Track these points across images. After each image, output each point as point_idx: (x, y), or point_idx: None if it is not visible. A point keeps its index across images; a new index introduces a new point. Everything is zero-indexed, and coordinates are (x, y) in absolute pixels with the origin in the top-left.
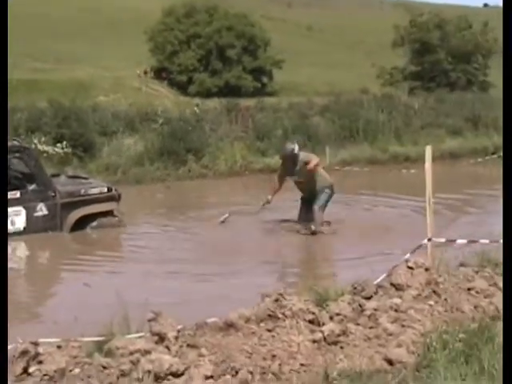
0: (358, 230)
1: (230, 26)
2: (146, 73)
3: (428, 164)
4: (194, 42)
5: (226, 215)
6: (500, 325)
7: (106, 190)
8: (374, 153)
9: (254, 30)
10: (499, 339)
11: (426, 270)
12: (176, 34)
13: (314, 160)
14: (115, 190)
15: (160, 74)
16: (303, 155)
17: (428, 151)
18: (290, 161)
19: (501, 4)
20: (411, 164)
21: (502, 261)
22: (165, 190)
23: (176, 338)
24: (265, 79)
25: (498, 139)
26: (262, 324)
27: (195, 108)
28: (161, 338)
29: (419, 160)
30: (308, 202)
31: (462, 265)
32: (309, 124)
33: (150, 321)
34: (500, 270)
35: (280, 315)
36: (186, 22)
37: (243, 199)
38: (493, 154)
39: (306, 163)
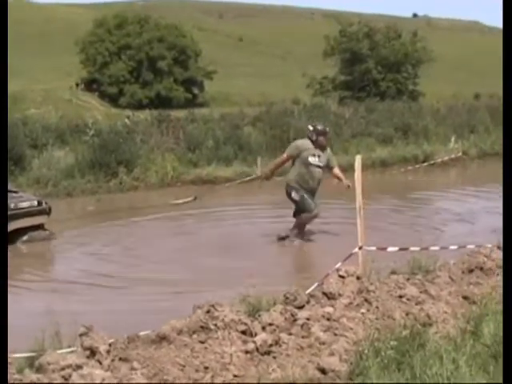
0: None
1: (161, 37)
2: (77, 85)
3: (358, 173)
4: (124, 54)
5: (190, 198)
6: (431, 331)
7: (36, 203)
8: None
9: (186, 40)
10: (430, 346)
11: (358, 278)
12: (107, 46)
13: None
14: (46, 204)
15: (91, 85)
16: (329, 150)
17: (358, 160)
18: (318, 136)
19: (429, 14)
20: (342, 172)
21: (432, 268)
22: (96, 202)
23: (108, 351)
24: (196, 90)
25: (427, 147)
26: (194, 336)
27: (126, 120)
28: (92, 353)
29: (350, 169)
30: (311, 193)
31: (393, 272)
32: (240, 134)
33: (81, 335)
34: (430, 276)
35: (212, 326)
36: (117, 33)
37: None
38: (423, 162)
39: (328, 160)
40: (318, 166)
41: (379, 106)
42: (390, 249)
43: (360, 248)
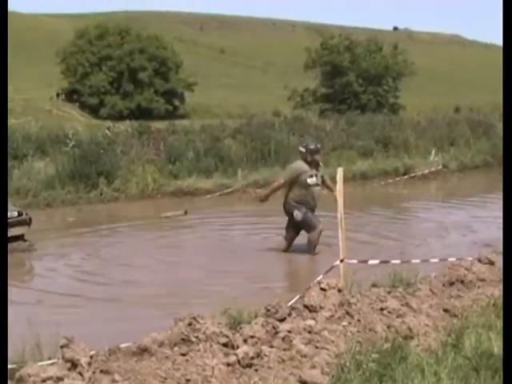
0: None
1: (142, 48)
2: (57, 95)
3: (340, 185)
4: (105, 65)
5: (181, 212)
6: (413, 343)
7: (16, 214)
8: None
9: (166, 52)
10: (412, 358)
11: (339, 291)
12: (88, 56)
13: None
14: (26, 214)
15: (71, 96)
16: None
17: (339, 173)
18: (312, 156)
19: (410, 27)
20: (323, 185)
21: (413, 281)
22: (76, 213)
23: (89, 364)
24: (177, 102)
25: (408, 160)
26: (175, 348)
27: (106, 131)
28: (73, 365)
29: (331, 181)
30: (312, 210)
31: (374, 285)
32: (221, 146)
33: (62, 347)
34: (411, 289)
35: (194, 339)
36: (98, 44)
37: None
38: (403, 175)
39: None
40: (317, 185)
41: (360, 118)
42: (371, 261)
43: (341, 261)
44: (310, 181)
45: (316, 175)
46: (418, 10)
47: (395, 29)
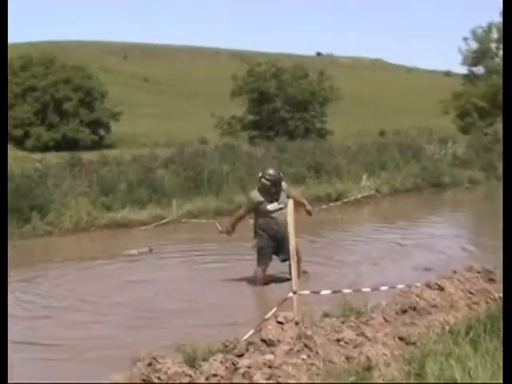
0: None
1: (67, 78)
2: None
3: (290, 217)
4: (30, 96)
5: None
6: (375, 374)
7: None
8: (219, 204)
9: (91, 82)
10: None
11: (296, 323)
12: (11, 88)
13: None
14: None
15: None
16: (284, 184)
17: (290, 204)
18: (277, 186)
19: (333, 52)
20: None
21: (363, 310)
22: (11, 248)
23: None
24: (102, 132)
25: (340, 186)
26: None
27: (37, 164)
28: None
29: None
30: (278, 241)
31: (325, 315)
32: (153, 177)
33: None
34: (364, 318)
35: (156, 380)
36: (22, 74)
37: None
38: (336, 200)
39: (288, 195)
40: (281, 209)
41: (290, 145)
42: (323, 292)
43: (294, 292)
44: (270, 207)
45: (277, 199)
46: (339, 34)
47: (318, 54)
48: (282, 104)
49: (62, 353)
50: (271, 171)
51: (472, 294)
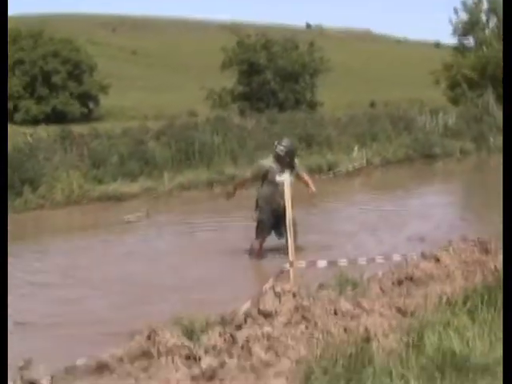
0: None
1: (56, 51)
2: None
3: (287, 191)
4: (18, 69)
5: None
6: (374, 345)
7: None
8: (210, 175)
9: (80, 55)
10: (378, 359)
11: (294, 295)
12: None
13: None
14: None
15: None
16: (296, 161)
17: (286, 179)
18: (291, 156)
19: (322, 24)
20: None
21: (359, 280)
22: None
23: None
24: (91, 104)
25: (331, 157)
26: (136, 363)
27: (28, 137)
28: None
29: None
30: (278, 217)
31: (321, 286)
32: (145, 149)
33: (21, 369)
34: (359, 289)
35: (154, 352)
36: (10, 48)
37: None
38: (328, 171)
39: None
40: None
41: (280, 117)
42: (319, 263)
43: (291, 264)
44: (279, 179)
45: (288, 173)
46: (329, 5)
47: (308, 26)
48: (273, 75)
49: (53, 330)
50: (286, 141)
51: (468, 264)
